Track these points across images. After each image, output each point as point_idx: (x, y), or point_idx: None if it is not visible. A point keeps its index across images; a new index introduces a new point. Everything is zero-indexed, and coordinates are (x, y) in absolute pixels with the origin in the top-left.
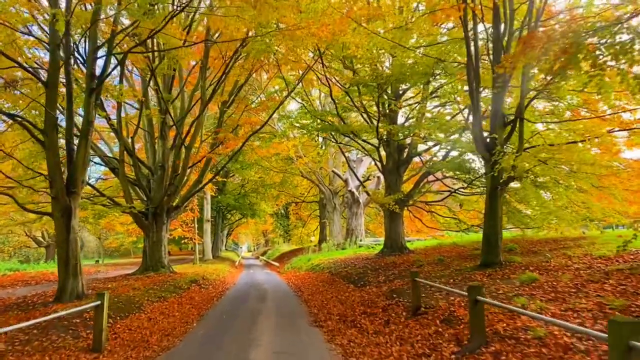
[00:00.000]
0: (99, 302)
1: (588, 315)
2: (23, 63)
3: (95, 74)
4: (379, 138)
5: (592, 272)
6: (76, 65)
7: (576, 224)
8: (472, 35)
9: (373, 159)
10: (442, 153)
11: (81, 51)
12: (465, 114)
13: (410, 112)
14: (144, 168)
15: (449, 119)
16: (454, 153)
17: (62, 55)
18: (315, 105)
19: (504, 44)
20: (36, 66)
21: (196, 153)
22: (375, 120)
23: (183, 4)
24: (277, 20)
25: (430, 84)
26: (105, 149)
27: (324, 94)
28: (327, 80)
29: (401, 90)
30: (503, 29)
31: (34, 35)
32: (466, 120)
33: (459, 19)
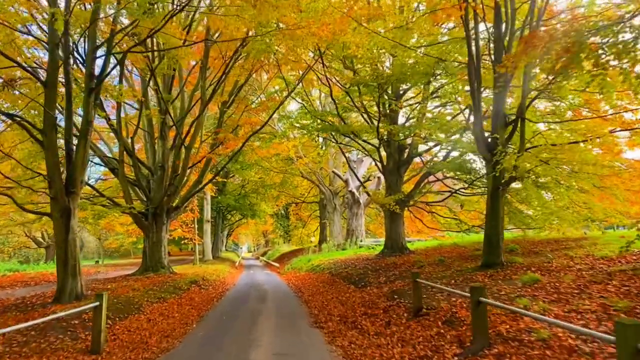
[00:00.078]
0: (97, 303)
1: (592, 317)
2: (22, 63)
3: (95, 73)
4: (379, 138)
5: (595, 273)
6: (75, 65)
7: (578, 224)
8: (474, 35)
9: (373, 160)
10: (443, 153)
11: (80, 51)
12: (466, 114)
13: (411, 112)
14: (143, 168)
15: (449, 119)
16: (455, 153)
17: (61, 55)
18: (315, 106)
19: (505, 44)
20: (35, 66)
21: (196, 153)
22: (375, 120)
23: (183, 3)
24: (277, 19)
25: (431, 84)
26: (105, 150)
27: (324, 94)
28: (328, 80)
29: (402, 91)
30: (504, 28)
31: (33, 34)
32: (467, 121)
33: (460, 18)
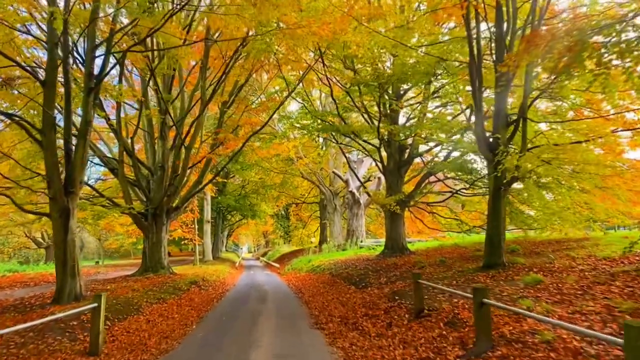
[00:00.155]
0: (95, 304)
1: (597, 318)
2: (21, 62)
3: (94, 73)
4: (380, 138)
5: (598, 274)
6: (75, 65)
7: (579, 225)
8: (475, 34)
9: (374, 160)
10: (444, 154)
11: (80, 50)
12: (467, 114)
13: (412, 112)
14: (143, 169)
15: (450, 119)
16: (456, 154)
17: (60, 54)
18: (315, 106)
19: (507, 43)
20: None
21: (196, 154)
22: (376, 120)
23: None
24: (278, 19)
25: (432, 84)
26: (104, 150)
27: (324, 95)
28: (328, 80)
29: (402, 91)
30: (506, 27)
31: (32, 34)
32: (468, 120)
33: (462, 17)
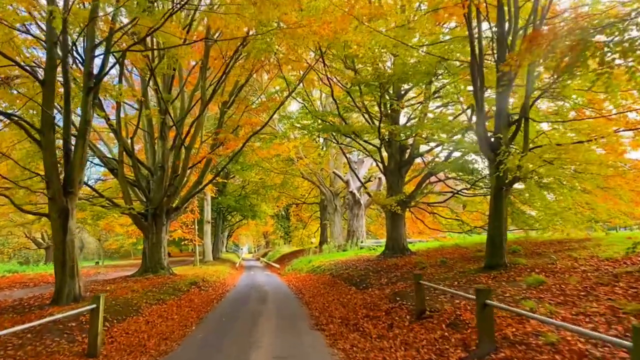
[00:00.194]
0: (94, 306)
1: (601, 320)
2: (20, 62)
3: (93, 72)
4: (380, 138)
5: (600, 275)
6: (75, 65)
7: (581, 225)
8: (476, 34)
9: (374, 160)
10: (445, 154)
11: (79, 50)
12: (468, 114)
13: (413, 113)
14: (143, 169)
15: (451, 119)
16: (457, 154)
17: (60, 54)
18: (316, 106)
19: (509, 42)
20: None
21: (196, 154)
22: (376, 120)
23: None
24: (278, 18)
25: (433, 84)
26: (104, 150)
27: (324, 95)
28: (329, 80)
29: (403, 91)
30: (507, 27)
31: (32, 34)
32: (469, 121)
33: (463, 16)
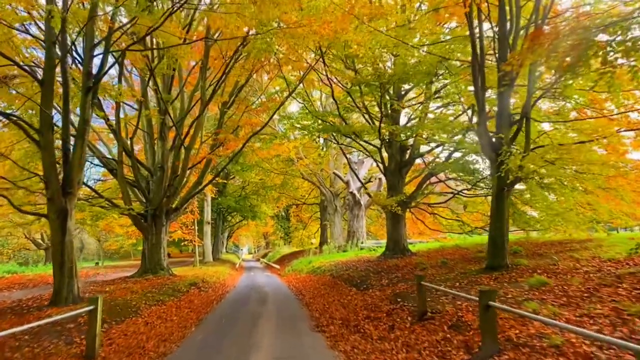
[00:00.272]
0: (92, 307)
1: (606, 322)
2: (19, 62)
3: (92, 72)
4: (381, 139)
5: (603, 276)
6: (74, 65)
7: (583, 226)
8: (478, 33)
9: (375, 160)
10: (445, 154)
11: (78, 49)
12: (469, 114)
13: (413, 113)
14: (143, 169)
15: (452, 120)
16: (458, 154)
17: (59, 53)
18: (316, 106)
19: (510, 42)
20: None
21: (196, 154)
22: (377, 121)
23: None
24: (278, 17)
25: (434, 84)
26: (104, 150)
27: (325, 95)
28: (329, 80)
29: (403, 91)
30: (509, 26)
31: (31, 33)
32: (470, 121)
33: (464, 15)
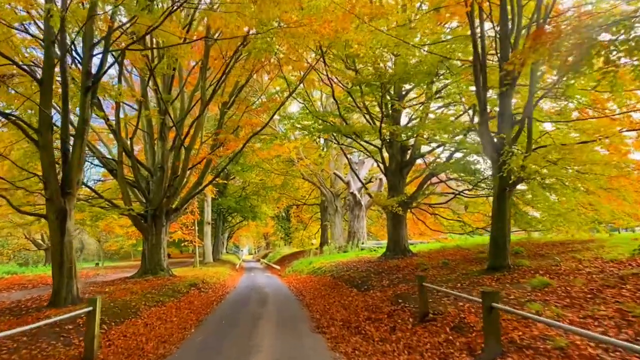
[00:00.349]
0: (90, 308)
1: (610, 324)
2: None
3: (91, 71)
4: (381, 139)
5: (606, 277)
6: (74, 65)
7: (585, 226)
8: (479, 33)
9: (375, 161)
10: (446, 154)
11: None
12: (470, 114)
13: (414, 113)
14: (143, 170)
15: (453, 120)
16: (459, 154)
17: (58, 53)
18: (316, 107)
19: (512, 41)
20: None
21: (196, 154)
22: (377, 121)
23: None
24: (278, 17)
25: (435, 84)
26: (104, 151)
27: (325, 96)
28: (329, 80)
29: (404, 91)
30: (510, 26)
31: (30, 33)
32: (471, 121)
33: (466, 14)
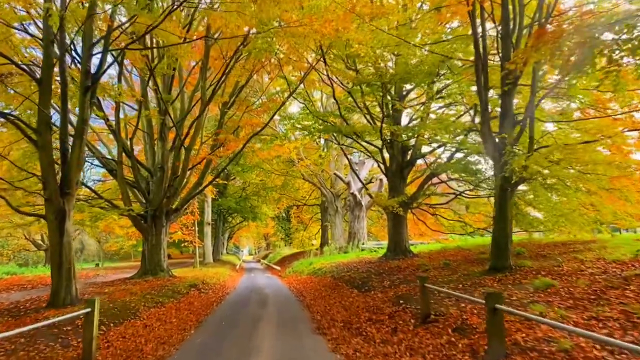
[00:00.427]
0: (89, 309)
1: (615, 325)
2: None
3: (91, 71)
4: (382, 139)
5: (609, 278)
6: (73, 64)
7: (587, 227)
8: (481, 32)
9: (376, 161)
10: (447, 155)
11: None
12: (471, 114)
13: (415, 113)
14: (142, 170)
15: (454, 120)
16: (460, 155)
17: (57, 52)
18: (317, 107)
19: (514, 41)
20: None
21: (196, 155)
22: (378, 121)
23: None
24: (279, 16)
25: (435, 84)
26: (104, 151)
27: (325, 96)
28: (330, 80)
29: (405, 91)
30: (512, 25)
31: (29, 32)
32: (472, 121)
33: (467, 14)
